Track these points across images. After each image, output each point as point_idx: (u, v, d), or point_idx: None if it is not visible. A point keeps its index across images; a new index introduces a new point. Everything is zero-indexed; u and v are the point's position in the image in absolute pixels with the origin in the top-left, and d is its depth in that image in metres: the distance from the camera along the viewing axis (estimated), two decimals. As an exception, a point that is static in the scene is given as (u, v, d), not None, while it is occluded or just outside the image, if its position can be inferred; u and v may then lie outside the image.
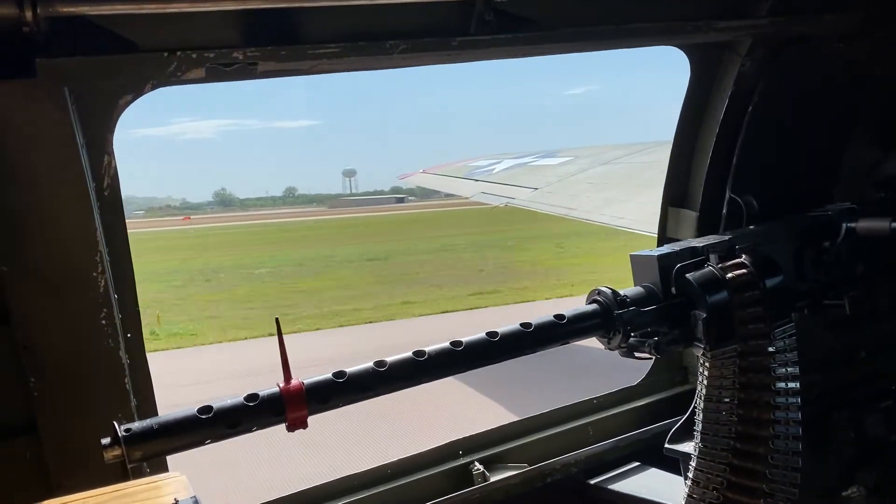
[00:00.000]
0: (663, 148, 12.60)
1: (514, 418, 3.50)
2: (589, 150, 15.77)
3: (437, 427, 11.94)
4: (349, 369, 1.87)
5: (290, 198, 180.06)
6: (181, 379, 16.09)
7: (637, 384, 3.70)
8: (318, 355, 16.36)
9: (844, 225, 2.54)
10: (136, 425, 1.68)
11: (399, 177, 23.14)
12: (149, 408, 2.54)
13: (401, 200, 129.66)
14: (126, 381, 2.44)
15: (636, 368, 2.98)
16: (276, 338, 1.83)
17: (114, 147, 2.37)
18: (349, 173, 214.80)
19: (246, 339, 22.21)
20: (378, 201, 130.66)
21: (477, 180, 16.36)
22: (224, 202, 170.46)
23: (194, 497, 1.59)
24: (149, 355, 2.59)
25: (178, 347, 21.74)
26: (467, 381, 13.47)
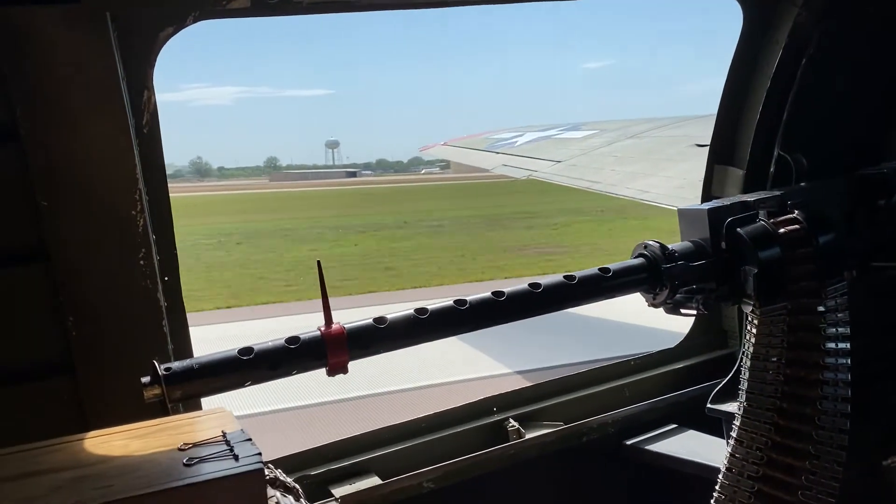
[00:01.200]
0: (692, 122, 12.51)
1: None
2: (615, 123, 15.60)
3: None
4: (390, 315, 1.85)
5: (271, 168, 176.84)
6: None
7: (675, 347, 3.65)
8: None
9: None
10: (177, 364, 1.67)
11: (420, 149, 23.05)
12: (186, 352, 2.52)
13: (352, 175, 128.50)
14: (164, 323, 2.42)
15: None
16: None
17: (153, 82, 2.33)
18: (332, 145, 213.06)
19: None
20: (325, 175, 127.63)
21: (498, 153, 16.25)
22: (200, 171, 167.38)
23: (242, 430, 1.57)
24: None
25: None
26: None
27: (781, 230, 2.16)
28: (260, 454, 1.47)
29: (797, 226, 2.17)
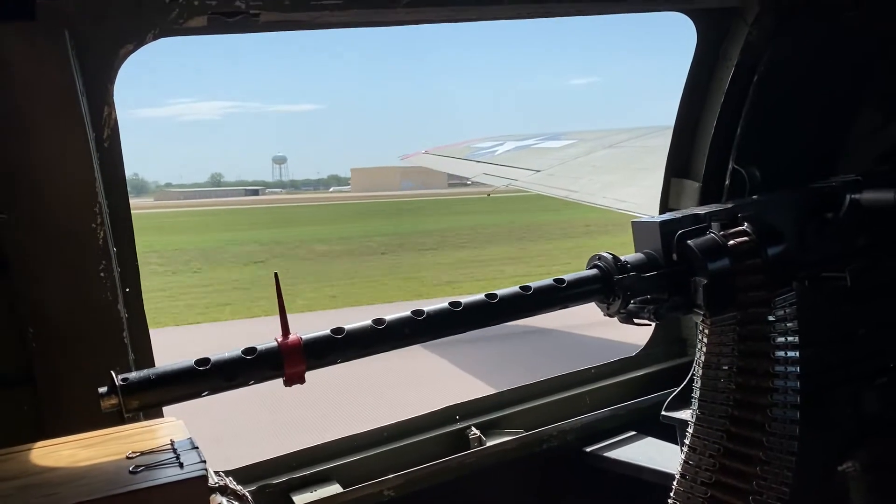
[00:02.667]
0: (667, 132, 12.60)
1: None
2: (593, 133, 15.72)
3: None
4: (347, 326, 1.86)
5: (215, 184, 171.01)
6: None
7: (635, 355, 3.70)
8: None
9: (848, 196, 2.51)
10: (133, 375, 1.68)
11: (401, 157, 23.04)
12: (147, 362, 2.54)
13: (254, 193, 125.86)
14: (124, 334, 2.43)
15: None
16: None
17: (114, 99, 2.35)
18: (279, 160, 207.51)
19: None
20: (220, 193, 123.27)
21: (479, 161, 16.32)
22: (135, 188, 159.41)
23: (191, 439, 1.59)
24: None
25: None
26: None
27: (731, 242, 2.20)
28: (204, 462, 1.49)
29: (746, 238, 2.21)
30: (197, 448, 1.54)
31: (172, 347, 7.07)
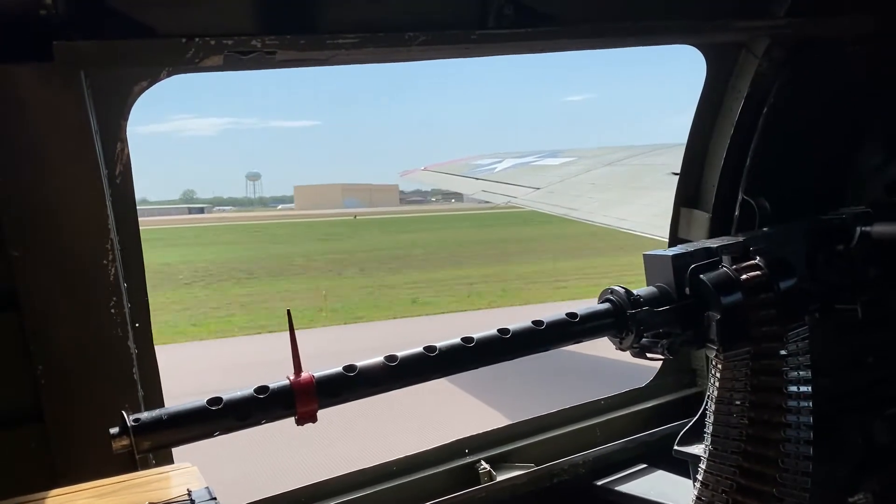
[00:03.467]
0: (668, 151, 12.66)
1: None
2: (592, 151, 15.74)
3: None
4: (360, 363, 1.85)
5: (187, 201, 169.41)
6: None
7: (645, 386, 3.69)
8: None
9: (859, 228, 2.52)
10: (146, 415, 1.66)
11: (400, 174, 23.05)
12: (156, 399, 2.52)
13: (199, 211, 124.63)
14: (134, 371, 2.42)
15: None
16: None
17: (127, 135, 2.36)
18: (253, 177, 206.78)
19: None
20: (163, 212, 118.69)
21: (478, 178, 16.31)
22: None
23: (207, 488, 1.57)
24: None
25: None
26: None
27: (743, 276, 2.19)
28: (223, 514, 1.48)
29: (758, 272, 2.21)
30: (215, 499, 1.52)
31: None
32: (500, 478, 3.09)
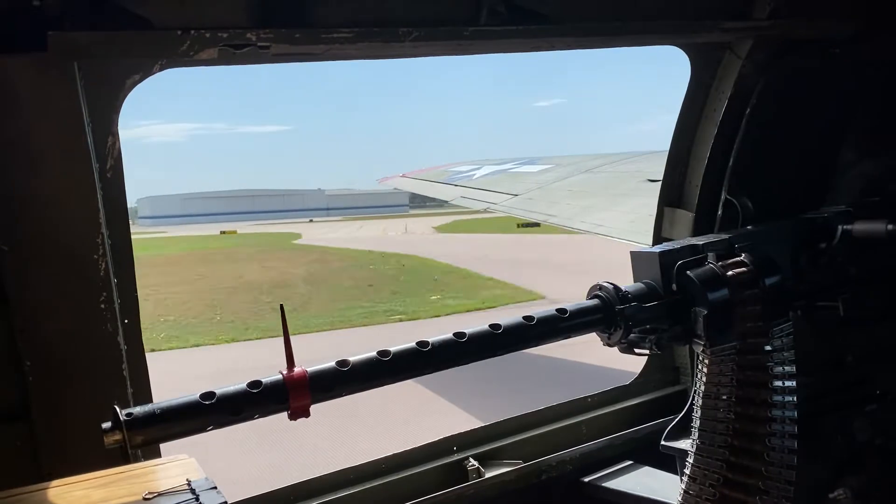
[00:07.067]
0: (643, 158, 12.79)
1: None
2: (570, 158, 15.86)
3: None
4: (352, 358, 1.86)
5: None
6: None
7: (630, 384, 3.73)
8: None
9: (840, 227, 2.57)
10: (138, 410, 1.65)
11: (378, 180, 23.02)
12: (145, 395, 2.50)
13: None
14: (123, 367, 2.40)
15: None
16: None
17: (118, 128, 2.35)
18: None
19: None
20: None
21: (457, 185, 16.36)
22: None
23: (207, 477, 1.57)
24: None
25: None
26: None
27: (730, 273, 2.23)
28: (226, 502, 1.48)
29: (744, 268, 2.24)
30: (215, 487, 1.52)
31: None
32: (488, 475, 3.11)
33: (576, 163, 14.78)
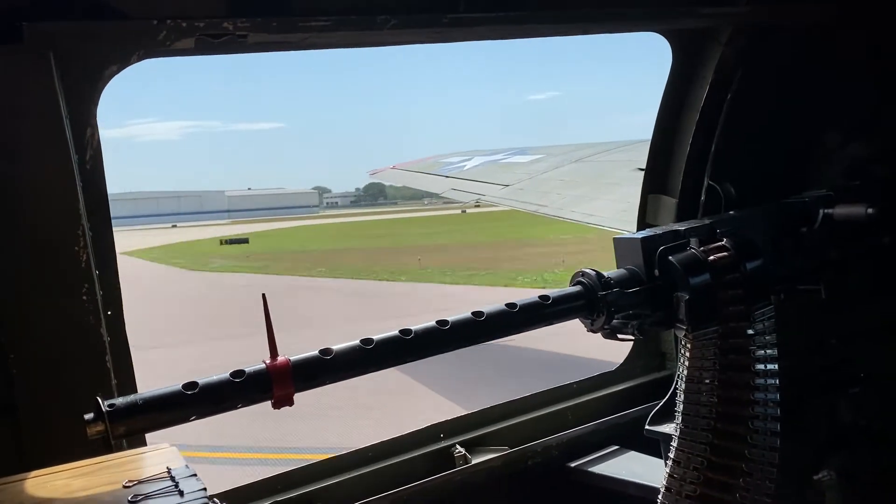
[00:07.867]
0: (634, 147, 12.81)
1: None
2: (560, 148, 15.87)
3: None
4: (336, 347, 1.87)
5: None
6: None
7: (615, 369, 3.75)
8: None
9: (821, 211, 2.58)
10: (120, 401, 1.66)
11: (369, 172, 22.98)
12: (129, 386, 2.50)
13: None
14: (107, 358, 2.40)
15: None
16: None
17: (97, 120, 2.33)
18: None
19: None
20: None
21: (447, 176, 16.36)
22: None
23: (187, 465, 1.58)
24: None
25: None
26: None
27: (711, 257, 2.24)
28: (205, 489, 1.48)
29: (726, 253, 2.26)
30: (195, 475, 1.53)
31: None
32: (475, 461, 3.13)
33: (567, 152, 14.79)
